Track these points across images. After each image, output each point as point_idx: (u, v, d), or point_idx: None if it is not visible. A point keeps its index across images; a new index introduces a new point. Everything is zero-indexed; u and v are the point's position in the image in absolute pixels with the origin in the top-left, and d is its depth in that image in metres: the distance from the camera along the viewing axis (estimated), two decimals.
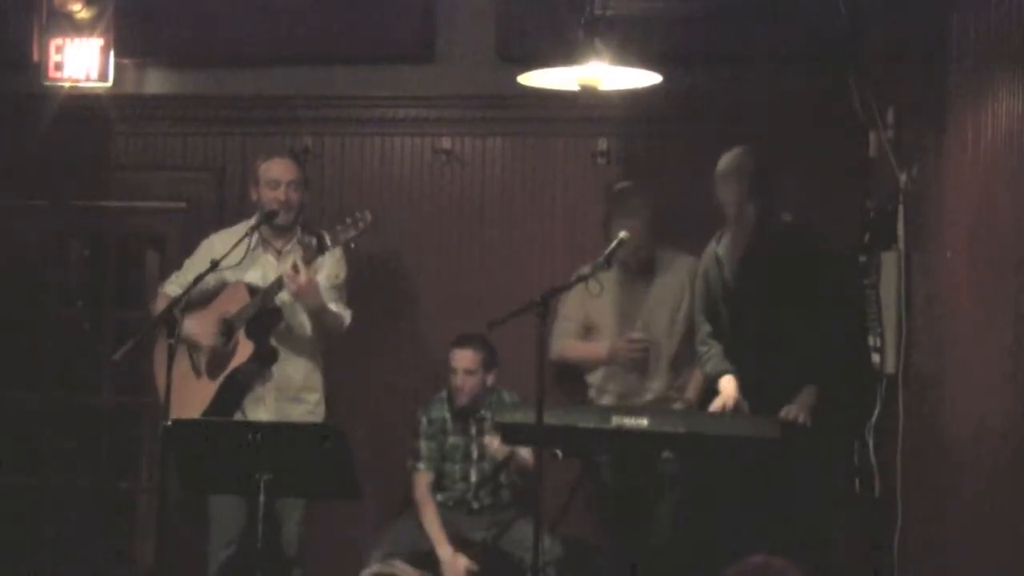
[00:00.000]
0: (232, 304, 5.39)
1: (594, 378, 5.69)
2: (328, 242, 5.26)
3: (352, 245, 5.33)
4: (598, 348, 5.66)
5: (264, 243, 5.52)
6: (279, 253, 5.52)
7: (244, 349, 5.35)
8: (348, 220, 5.28)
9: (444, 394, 5.68)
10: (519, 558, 5.34)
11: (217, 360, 5.40)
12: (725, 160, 5.06)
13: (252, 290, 5.39)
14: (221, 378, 5.37)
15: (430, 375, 5.79)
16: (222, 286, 5.43)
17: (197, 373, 5.43)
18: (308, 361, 5.51)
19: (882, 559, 5.12)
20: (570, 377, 5.76)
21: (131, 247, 6.61)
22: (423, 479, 5.63)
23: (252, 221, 5.52)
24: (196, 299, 5.31)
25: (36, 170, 6.28)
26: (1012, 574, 3.91)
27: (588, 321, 5.70)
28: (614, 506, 5.48)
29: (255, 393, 5.42)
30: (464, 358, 5.56)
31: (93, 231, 6.59)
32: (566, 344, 5.69)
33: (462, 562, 5.44)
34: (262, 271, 5.47)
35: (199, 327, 5.38)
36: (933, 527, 4.74)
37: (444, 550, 5.47)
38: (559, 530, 5.42)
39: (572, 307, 5.65)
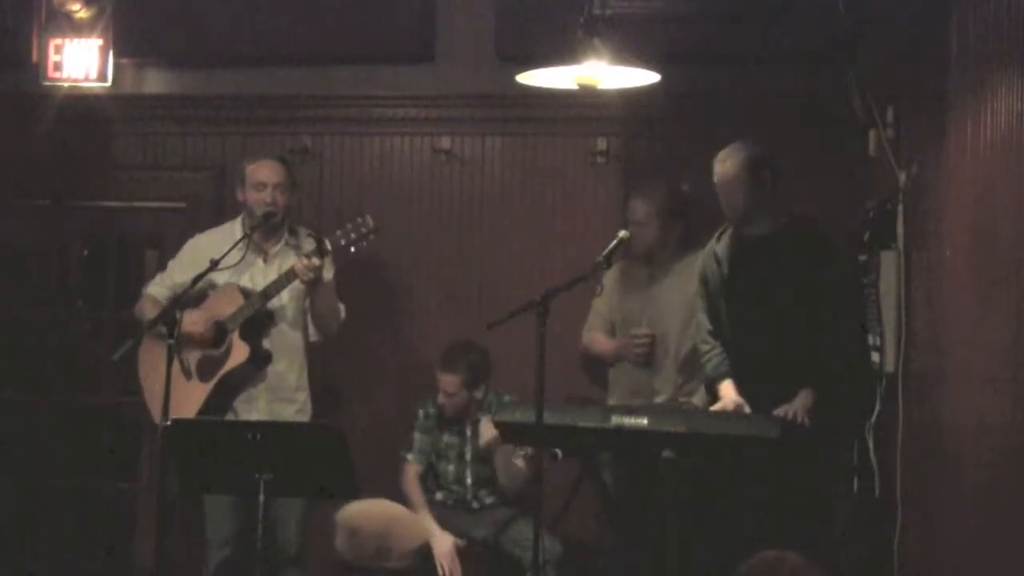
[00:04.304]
0: (224, 306, 5.38)
1: (611, 373, 5.75)
2: (328, 246, 5.25)
3: (352, 250, 5.30)
4: (609, 344, 5.72)
5: (253, 246, 5.49)
6: (266, 255, 5.50)
7: (240, 352, 5.34)
8: (349, 225, 5.26)
9: None
10: (518, 557, 5.35)
11: (209, 362, 5.39)
12: (723, 152, 5.06)
13: (245, 292, 5.38)
14: (215, 380, 5.36)
15: (429, 374, 5.78)
16: (208, 287, 5.41)
17: (187, 375, 5.39)
18: (297, 361, 5.50)
19: (882, 559, 5.12)
20: (597, 368, 5.81)
21: (131, 247, 6.61)
22: (411, 470, 5.67)
23: (238, 221, 5.51)
24: (183, 301, 5.29)
25: (36, 170, 6.29)
26: (1012, 573, 3.91)
27: (612, 316, 5.75)
28: (614, 506, 5.48)
29: (247, 394, 5.41)
30: (444, 381, 5.58)
31: (93, 231, 6.59)
32: (591, 337, 5.79)
33: (448, 538, 5.43)
34: (249, 273, 5.45)
35: (189, 323, 5.35)
36: (933, 526, 4.74)
37: (431, 527, 5.45)
38: (559, 529, 5.43)
39: (602, 301, 5.70)
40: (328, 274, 5.41)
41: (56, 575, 6.35)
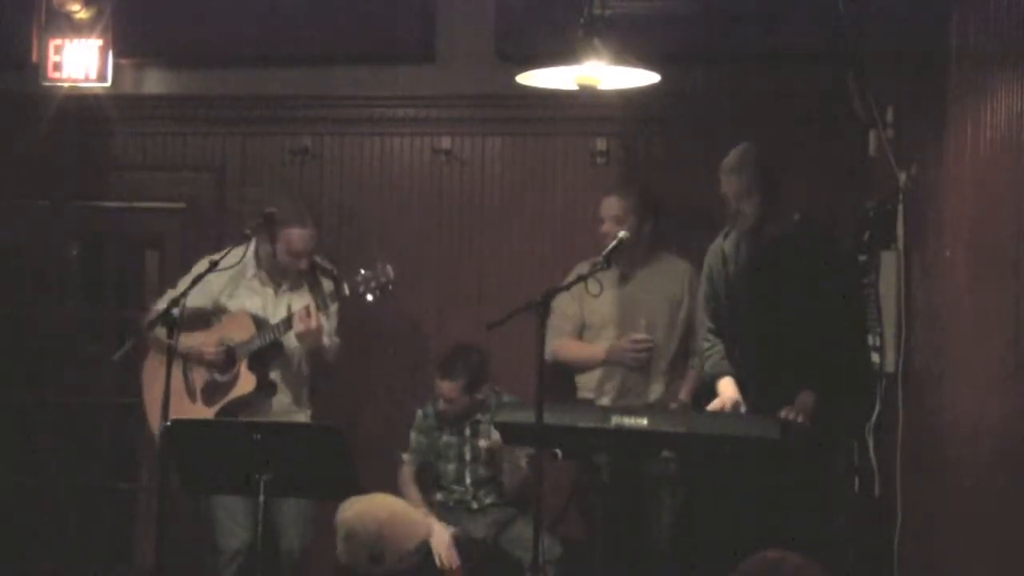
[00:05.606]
0: (235, 331, 5.40)
1: (587, 379, 5.68)
2: (346, 291, 5.27)
3: (369, 298, 5.30)
4: (596, 349, 5.66)
5: (265, 276, 5.50)
6: (278, 287, 5.51)
7: (246, 381, 5.37)
8: (369, 272, 5.26)
9: None
10: (518, 557, 5.34)
11: (215, 387, 5.40)
12: (730, 155, 5.06)
13: (258, 322, 5.38)
14: (218, 406, 5.38)
15: (429, 375, 5.78)
16: (220, 312, 5.42)
17: (192, 397, 5.40)
18: (301, 385, 5.55)
19: (882, 558, 5.12)
20: (560, 377, 5.73)
21: (130, 247, 6.61)
22: (406, 471, 5.68)
23: (251, 253, 5.40)
24: (195, 323, 5.27)
25: (35, 170, 6.29)
26: (1012, 573, 3.91)
27: (584, 321, 5.70)
28: (614, 506, 5.47)
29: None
30: (444, 387, 5.56)
31: (92, 231, 6.59)
32: (562, 344, 5.66)
33: (446, 531, 5.42)
34: (262, 302, 5.48)
35: (201, 342, 5.36)
36: (932, 526, 4.74)
37: (429, 520, 5.43)
38: (559, 529, 5.42)
39: (567, 306, 5.63)
40: (334, 306, 5.46)
41: (56, 575, 6.35)
